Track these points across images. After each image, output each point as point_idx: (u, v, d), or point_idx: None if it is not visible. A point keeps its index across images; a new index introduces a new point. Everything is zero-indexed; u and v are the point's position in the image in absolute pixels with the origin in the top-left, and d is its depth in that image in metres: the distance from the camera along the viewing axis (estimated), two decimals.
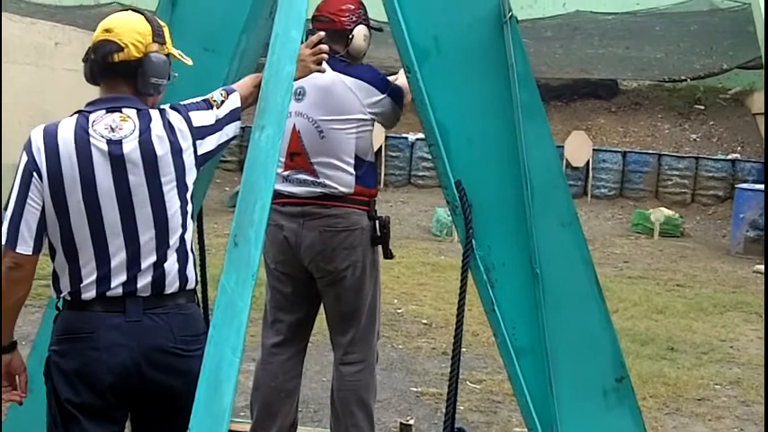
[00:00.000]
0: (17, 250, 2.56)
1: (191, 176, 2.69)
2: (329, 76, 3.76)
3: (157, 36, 2.69)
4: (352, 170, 3.82)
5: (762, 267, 10.74)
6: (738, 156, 15.13)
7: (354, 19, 3.87)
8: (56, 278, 2.67)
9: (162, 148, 2.62)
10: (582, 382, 3.54)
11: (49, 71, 11.15)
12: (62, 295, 2.66)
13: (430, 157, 14.70)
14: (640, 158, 15.23)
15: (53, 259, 2.66)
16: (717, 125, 16.04)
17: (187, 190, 2.69)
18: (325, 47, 3.14)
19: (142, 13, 2.73)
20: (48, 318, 3.81)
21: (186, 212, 2.69)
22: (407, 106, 4.05)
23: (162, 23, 2.77)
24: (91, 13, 17.04)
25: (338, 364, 3.95)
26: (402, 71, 4.02)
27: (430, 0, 3.42)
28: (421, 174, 15.79)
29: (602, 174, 15.17)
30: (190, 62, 2.83)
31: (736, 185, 13.21)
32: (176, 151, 2.64)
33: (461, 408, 5.35)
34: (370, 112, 3.83)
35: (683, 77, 16.38)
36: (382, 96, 3.85)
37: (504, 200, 3.49)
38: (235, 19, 3.43)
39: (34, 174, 2.58)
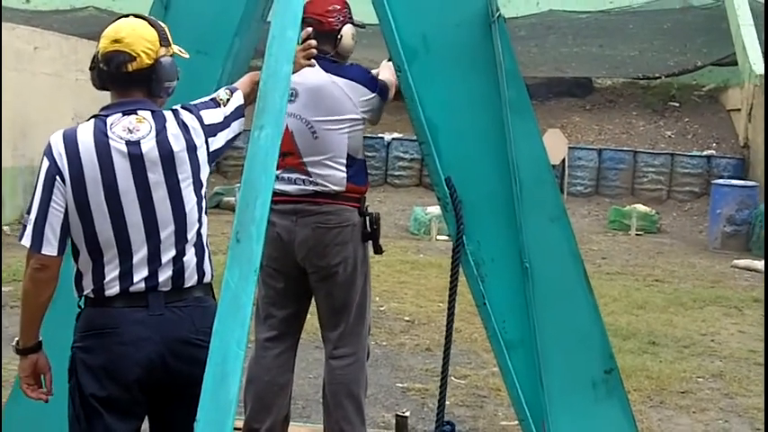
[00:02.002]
0: (42, 252, 2.63)
1: (204, 173, 2.78)
2: (321, 78, 3.82)
3: (164, 40, 2.76)
4: (344, 169, 3.88)
5: (740, 262, 10.91)
6: (714, 152, 15.32)
7: (342, 19, 3.93)
8: (79, 277, 2.73)
9: (178, 145, 2.71)
10: (572, 375, 3.62)
11: (29, 75, 11.11)
12: (85, 293, 2.73)
13: (406, 157, 14.77)
14: (616, 156, 15.38)
15: (76, 260, 2.73)
16: (691, 122, 16.24)
17: (202, 186, 2.78)
18: (313, 42, 3.21)
19: (145, 18, 2.79)
20: (49, 319, 3.84)
21: (202, 208, 2.78)
22: (386, 105, 4.12)
23: (163, 25, 2.83)
24: (66, 17, 17.03)
25: (328, 358, 4.02)
26: (383, 65, 4.11)
27: (419, 0, 3.48)
28: (397, 173, 15.87)
29: (578, 171, 15.30)
30: (187, 55, 2.89)
31: (712, 181, 13.37)
32: (191, 148, 2.73)
33: (447, 402, 5.40)
34: (361, 111, 3.89)
35: (657, 75, 16.57)
36: (373, 95, 3.92)
37: (493, 196, 3.56)
38: (227, 22, 3.48)
39: (57, 177, 2.65)
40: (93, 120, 2.74)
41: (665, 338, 7.14)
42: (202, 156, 2.76)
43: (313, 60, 3.26)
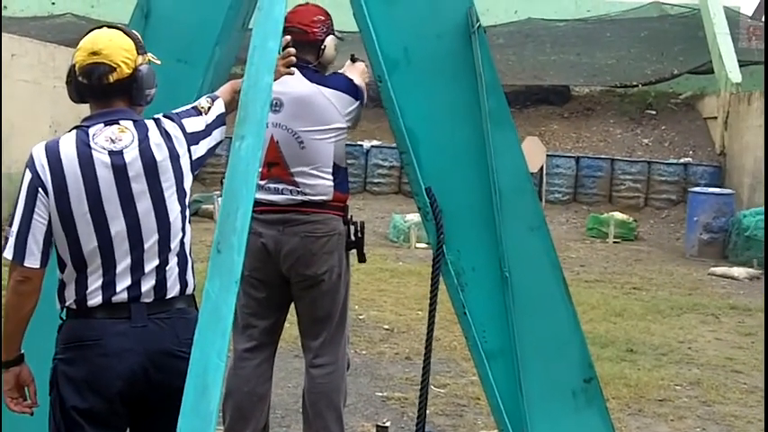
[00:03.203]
0: (25, 264, 2.63)
1: (187, 181, 2.78)
2: (308, 88, 3.84)
3: (140, 48, 2.77)
4: (330, 177, 3.90)
5: (717, 270, 10.99)
6: (690, 159, 15.45)
7: (325, 29, 3.97)
8: (62, 288, 2.73)
9: (161, 154, 2.71)
10: (551, 384, 3.63)
11: (7, 82, 11.04)
12: (67, 304, 2.72)
13: (385, 164, 14.78)
14: (593, 163, 15.47)
15: (62, 271, 2.72)
16: (668, 130, 16.36)
17: (185, 195, 2.78)
18: (293, 50, 3.22)
19: (118, 28, 2.79)
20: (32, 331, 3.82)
21: (185, 217, 2.79)
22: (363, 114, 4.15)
23: (136, 33, 2.84)
24: (44, 23, 16.96)
25: (308, 367, 4.03)
26: (348, 66, 4.11)
27: (400, 12, 3.49)
28: (376, 181, 15.89)
29: (555, 179, 15.37)
30: (159, 62, 2.89)
31: (689, 189, 13.47)
32: (174, 157, 2.73)
33: (427, 412, 5.40)
34: (346, 120, 3.91)
35: (634, 83, 16.68)
36: (357, 103, 3.95)
37: (473, 205, 3.57)
38: (208, 31, 3.48)
39: (39, 189, 2.65)
40: (74, 131, 2.73)
41: (642, 346, 7.18)
42: (185, 164, 2.77)
43: (293, 69, 3.27)
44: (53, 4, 18.48)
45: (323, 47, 3.95)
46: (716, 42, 15.60)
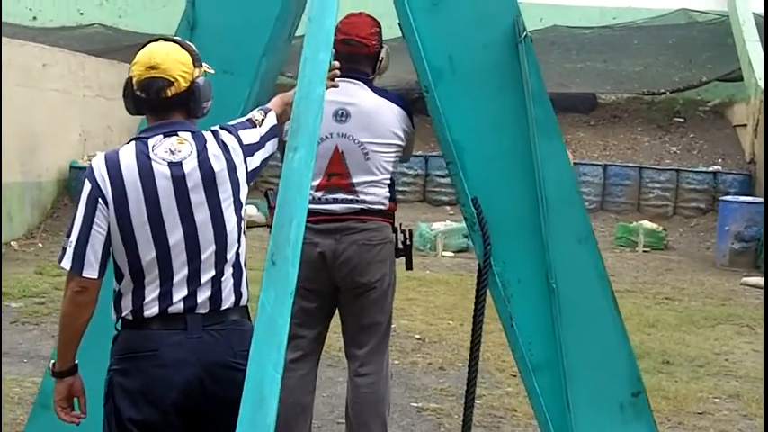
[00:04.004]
0: (83, 274, 2.66)
1: (243, 192, 2.80)
2: (375, 101, 3.89)
3: (196, 61, 2.78)
4: (387, 188, 3.95)
5: (749, 280, 10.87)
6: (720, 168, 15.28)
7: (381, 41, 3.99)
8: (118, 299, 2.75)
9: (219, 165, 2.73)
10: (598, 397, 3.60)
11: (37, 92, 11.12)
12: (123, 315, 2.74)
13: (410, 173, 14.74)
14: (621, 171, 15.33)
15: (119, 282, 2.74)
16: (697, 138, 16.21)
17: (241, 206, 2.80)
18: (337, 63, 3.21)
19: (175, 41, 2.81)
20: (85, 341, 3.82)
21: (241, 228, 2.80)
22: None
23: (191, 44, 2.84)
24: (72, 34, 17.05)
25: (353, 376, 4.03)
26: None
27: (445, 21, 3.49)
28: (402, 189, 15.84)
29: (582, 187, 15.19)
30: (213, 71, 2.90)
31: (720, 198, 13.33)
32: (231, 168, 2.76)
33: None
34: (405, 138, 3.96)
35: (662, 90, 16.55)
36: (413, 129, 4.01)
37: (519, 216, 3.55)
38: (255, 42, 3.49)
39: (99, 200, 2.67)
40: (133, 142, 2.77)
41: (678, 358, 7.10)
42: (242, 175, 2.79)
43: (336, 81, 3.26)
44: (81, 14, 18.55)
45: (380, 59, 3.99)
46: (745, 49, 15.44)
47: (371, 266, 3.91)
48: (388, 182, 3.96)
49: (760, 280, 10.81)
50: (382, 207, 3.93)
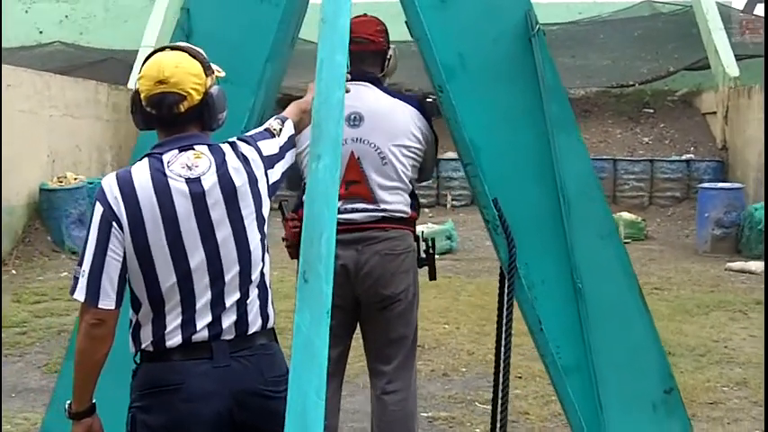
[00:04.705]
0: (100, 306, 2.45)
1: (266, 207, 2.63)
2: (387, 101, 3.71)
3: (207, 69, 2.59)
4: (408, 194, 3.76)
5: (733, 265, 10.87)
6: (692, 156, 15.35)
7: (388, 40, 3.83)
8: (137, 329, 2.54)
9: (240, 179, 2.55)
10: (631, 397, 3.48)
11: (3, 114, 10.84)
12: (143, 347, 2.54)
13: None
14: (596, 164, 15.19)
15: (137, 311, 2.54)
16: (667, 127, 16.28)
17: (264, 222, 2.62)
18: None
19: (182, 49, 2.60)
20: (65, 372, 3.63)
21: (265, 245, 2.62)
22: None
23: (200, 50, 2.65)
24: (33, 52, 16.75)
25: (380, 394, 3.81)
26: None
27: (453, 17, 3.36)
28: None
29: None
30: (223, 74, 2.71)
31: (699, 186, 13.36)
32: (253, 181, 2.58)
33: (477, 430, 5.26)
34: (424, 141, 3.77)
35: (630, 83, 16.60)
36: (432, 133, 3.83)
37: (539, 215, 3.43)
38: (257, 48, 3.32)
39: (113, 223, 2.47)
40: (146, 158, 2.55)
41: (679, 348, 7.02)
42: (263, 189, 2.61)
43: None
44: (41, 32, 18.29)
45: (388, 57, 3.82)
46: (711, 38, 15.53)
47: (395, 277, 3.73)
48: (409, 188, 3.78)
49: (744, 264, 10.83)
50: (404, 215, 3.75)
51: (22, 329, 7.70)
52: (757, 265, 10.70)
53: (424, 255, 3.87)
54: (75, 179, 12.15)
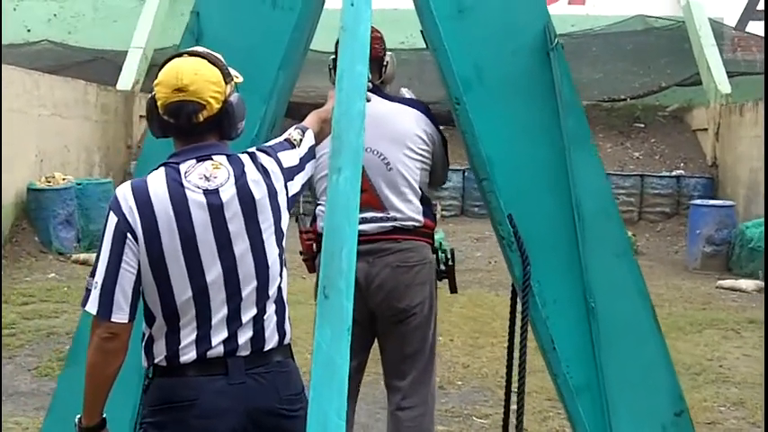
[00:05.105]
0: (113, 319, 2.37)
1: (285, 220, 2.56)
2: (387, 106, 3.66)
3: (227, 76, 2.51)
4: (419, 202, 3.68)
5: (724, 282, 10.86)
6: (683, 172, 15.34)
7: (384, 46, 3.76)
8: (149, 343, 2.47)
9: (259, 191, 2.48)
10: (641, 419, 3.42)
11: None
12: (156, 361, 2.46)
13: None
14: None
15: (150, 325, 2.46)
16: (658, 142, 16.27)
17: (282, 236, 2.55)
18: None
19: (200, 55, 2.52)
20: (64, 378, 3.54)
21: (283, 260, 2.55)
22: None
23: (219, 56, 2.58)
24: (20, 51, 16.57)
25: (395, 410, 3.74)
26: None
27: (470, 28, 3.29)
28: None
29: None
30: (241, 79, 2.64)
31: (689, 202, 13.36)
32: (272, 194, 2.50)
33: None
34: (429, 142, 3.71)
35: (622, 97, 16.59)
36: (439, 134, 3.73)
37: (553, 232, 3.37)
38: (269, 54, 3.24)
39: (128, 235, 2.39)
40: (162, 168, 2.47)
41: (675, 366, 6.93)
42: (282, 202, 2.53)
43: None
44: (29, 30, 18.08)
45: (385, 63, 3.76)
46: (703, 54, 15.54)
47: (410, 290, 3.65)
48: (419, 193, 3.70)
49: (735, 282, 10.82)
50: (416, 224, 3.68)
51: (10, 331, 7.57)
52: (748, 284, 10.70)
53: (443, 267, 3.78)
54: (64, 179, 12.02)
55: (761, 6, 17.14)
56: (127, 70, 15.81)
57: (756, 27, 16.98)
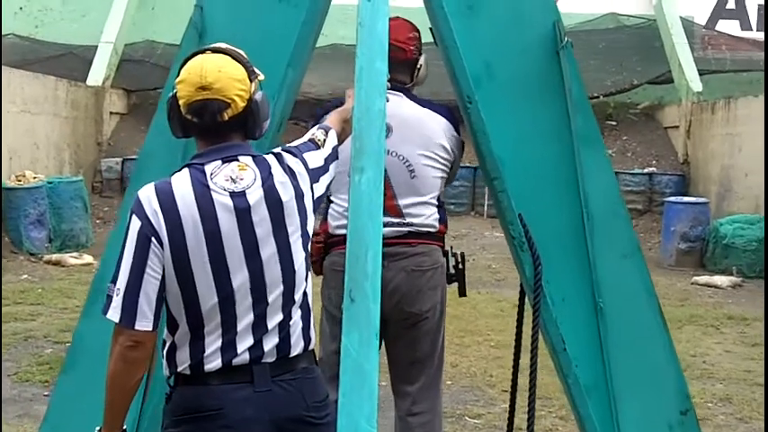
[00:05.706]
0: (136, 327, 2.29)
1: (311, 223, 2.50)
2: (418, 110, 3.58)
3: (251, 74, 2.45)
4: (436, 208, 3.63)
5: (700, 279, 10.96)
6: (655, 169, 15.44)
7: (420, 47, 3.70)
8: (172, 351, 2.40)
9: (286, 193, 2.42)
10: (647, 419, 3.40)
11: None
12: (179, 370, 2.39)
13: None
14: None
15: (173, 332, 2.39)
16: (630, 140, 16.36)
17: (308, 239, 2.49)
18: None
19: (225, 52, 2.46)
20: (62, 387, 3.45)
21: (308, 264, 2.49)
22: None
23: (242, 53, 2.51)
24: None
25: (405, 416, 3.70)
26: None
27: (481, 25, 3.25)
28: None
29: None
30: (263, 77, 2.58)
31: (664, 199, 13.44)
32: (299, 196, 2.45)
33: None
34: (452, 152, 3.65)
35: (594, 94, 16.62)
36: (460, 143, 3.70)
37: (561, 232, 3.34)
38: (278, 50, 3.16)
39: (152, 239, 2.30)
40: (186, 169, 2.39)
41: None
42: (308, 204, 2.47)
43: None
44: None
45: (418, 66, 3.69)
46: (674, 52, 15.66)
47: (422, 295, 3.60)
48: (437, 202, 3.66)
49: (710, 279, 10.93)
50: (432, 229, 3.63)
51: None
52: (723, 280, 10.81)
53: (453, 270, 3.73)
54: (35, 178, 11.83)
55: (730, 5, 17.31)
56: (97, 65, 15.59)
57: (726, 25, 17.15)
